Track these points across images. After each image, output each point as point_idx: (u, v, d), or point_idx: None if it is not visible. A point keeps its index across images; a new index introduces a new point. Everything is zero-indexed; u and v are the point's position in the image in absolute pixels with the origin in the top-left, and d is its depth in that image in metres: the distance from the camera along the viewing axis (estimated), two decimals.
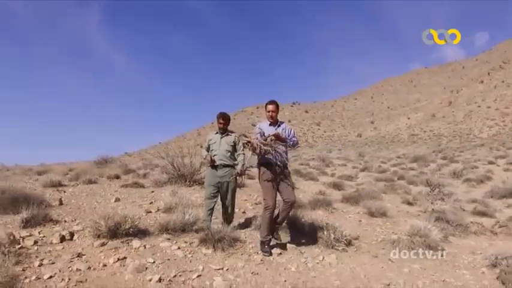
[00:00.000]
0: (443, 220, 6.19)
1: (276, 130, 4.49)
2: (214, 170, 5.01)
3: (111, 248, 3.77)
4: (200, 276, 3.24)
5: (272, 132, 4.37)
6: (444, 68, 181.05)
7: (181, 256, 3.69)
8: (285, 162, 4.51)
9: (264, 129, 4.54)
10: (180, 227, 4.44)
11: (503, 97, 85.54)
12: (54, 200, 6.19)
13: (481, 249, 4.85)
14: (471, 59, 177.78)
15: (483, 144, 42.52)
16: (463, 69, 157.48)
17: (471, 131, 69.49)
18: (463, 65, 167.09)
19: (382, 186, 11.51)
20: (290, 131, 4.66)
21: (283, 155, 4.47)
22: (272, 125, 4.62)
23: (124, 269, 3.27)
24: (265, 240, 4.30)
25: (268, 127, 4.60)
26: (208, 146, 5.20)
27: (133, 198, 6.82)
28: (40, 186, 8.46)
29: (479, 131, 67.53)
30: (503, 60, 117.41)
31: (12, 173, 15.41)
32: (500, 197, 10.94)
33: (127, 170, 12.71)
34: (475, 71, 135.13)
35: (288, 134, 4.59)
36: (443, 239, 5.23)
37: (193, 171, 8.91)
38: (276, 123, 4.64)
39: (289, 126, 4.76)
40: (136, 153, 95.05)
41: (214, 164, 4.98)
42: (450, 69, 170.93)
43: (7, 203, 5.41)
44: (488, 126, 69.47)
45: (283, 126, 4.68)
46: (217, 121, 5.19)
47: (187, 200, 5.91)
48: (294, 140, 4.60)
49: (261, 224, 4.44)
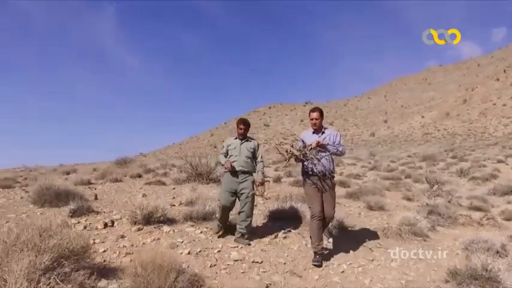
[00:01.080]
0: (435, 213, 6.89)
1: (319, 138, 4.36)
2: (234, 177, 4.87)
3: (147, 232, 4.62)
4: (220, 251, 4.09)
5: (313, 140, 4.32)
6: (459, 65, 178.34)
7: (203, 238, 4.52)
8: (326, 172, 4.34)
9: (306, 138, 4.46)
10: (202, 216, 5.25)
11: None
12: (90, 196, 7.09)
13: (462, 237, 5.55)
14: (487, 56, 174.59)
15: (497, 143, 42.19)
16: (479, 66, 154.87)
17: (486, 129, 68.70)
18: (479, 62, 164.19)
19: (387, 184, 12.17)
20: (335, 138, 4.47)
21: (326, 164, 4.32)
22: (316, 133, 4.50)
23: (160, 246, 4.13)
24: (317, 250, 4.25)
25: (312, 135, 4.51)
26: (227, 152, 5.07)
27: (157, 194, 7.67)
28: (72, 184, 9.41)
29: (494, 129, 66.71)
30: None
31: (38, 173, 16.52)
32: (502, 194, 11.47)
33: (147, 170, 13.67)
34: (490, 68, 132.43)
35: (333, 140, 4.42)
36: (431, 229, 5.95)
37: (209, 171, 9.77)
38: (320, 131, 4.50)
39: (336, 132, 4.58)
40: (151, 154, 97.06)
41: (234, 170, 4.85)
42: (465, 66, 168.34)
43: (52, 197, 6.33)
44: (503, 125, 68.37)
45: (328, 132, 4.51)
46: (237, 127, 5.09)
47: (206, 195, 6.69)
48: (340, 148, 4.41)
49: (310, 234, 4.42)
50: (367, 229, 5.77)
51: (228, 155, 5.01)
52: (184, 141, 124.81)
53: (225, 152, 5.07)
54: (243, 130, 5.02)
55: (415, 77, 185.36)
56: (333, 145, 4.34)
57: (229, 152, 5.01)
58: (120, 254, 3.75)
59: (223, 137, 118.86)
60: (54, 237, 2.85)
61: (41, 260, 2.54)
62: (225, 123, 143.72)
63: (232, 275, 3.52)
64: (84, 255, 3.00)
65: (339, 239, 5.03)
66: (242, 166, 4.85)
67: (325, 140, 4.29)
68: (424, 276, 3.94)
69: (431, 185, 9.24)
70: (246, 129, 5.05)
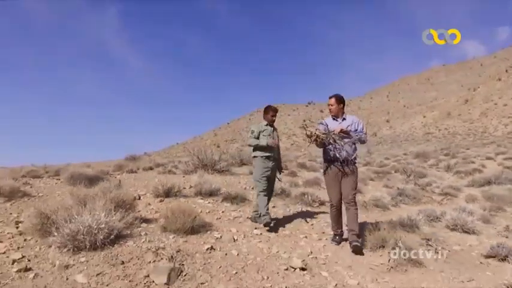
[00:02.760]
0: (403, 195, 8.29)
1: (340, 124, 4.44)
2: (266, 161, 5.07)
3: (167, 202, 6.03)
4: (223, 212, 5.50)
5: (336, 126, 4.39)
6: (462, 65, 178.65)
7: (211, 206, 5.91)
8: (349, 158, 4.40)
9: (329, 123, 4.51)
10: (209, 193, 6.63)
11: None
12: (114, 182, 8.52)
13: (416, 211, 6.92)
14: (489, 56, 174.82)
15: (493, 142, 43.06)
16: (481, 66, 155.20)
17: (486, 128, 69.18)
18: (481, 62, 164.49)
19: (372, 175, 13.54)
20: (358, 125, 4.49)
21: (349, 150, 4.37)
22: (335, 119, 4.56)
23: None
24: (336, 232, 4.60)
25: (332, 121, 4.56)
26: (258, 135, 5.14)
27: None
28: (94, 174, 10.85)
29: (495, 129, 67.06)
30: None
31: (45, 171, 17.91)
32: (479, 186, 12.75)
33: (157, 164, 15.13)
34: (493, 68, 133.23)
35: (356, 128, 4.46)
36: (395, 205, 7.36)
37: (213, 162, 11.19)
38: (340, 117, 4.56)
39: (359, 120, 4.59)
40: (155, 154, 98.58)
41: (273, 146, 5.06)
42: (468, 66, 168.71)
43: (86, 181, 7.78)
44: (504, 124, 68.83)
45: (350, 119, 4.55)
46: (267, 114, 5.21)
47: (211, 180, 8.06)
48: (362, 135, 4.45)
49: (330, 219, 4.68)
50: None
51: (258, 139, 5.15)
52: (188, 141, 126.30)
53: (256, 136, 5.15)
54: (275, 117, 5.24)
55: (418, 77, 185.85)
56: (355, 133, 4.40)
57: (263, 138, 5.11)
58: (151, 213, 5.15)
59: (226, 137, 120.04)
60: (113, 192, 4.29)
61: (107, 204, 3.97)
62: (228, 123, 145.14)
63: (232, 224, 4.92)
64: (131, 206, 4.44)
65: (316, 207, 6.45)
66: (273, 152, 5.13)
67: (348, 127, 4.39)
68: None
69: (407, 174, 10.60)
70: (276, 116, 5.27)
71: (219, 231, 4.39)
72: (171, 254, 3.27)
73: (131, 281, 2.90)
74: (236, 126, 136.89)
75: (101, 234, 3.39)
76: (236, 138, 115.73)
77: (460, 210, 6.30)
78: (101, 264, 3.10)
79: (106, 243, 3.42)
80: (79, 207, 3.90)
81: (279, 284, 3.13)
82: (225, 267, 3.34)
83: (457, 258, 4.18)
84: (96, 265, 3.10)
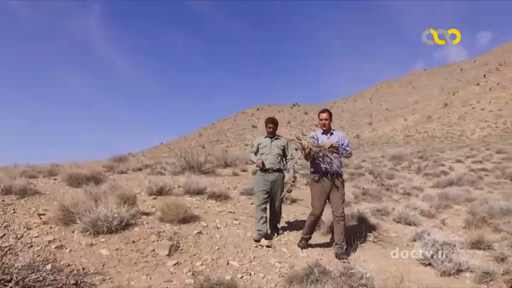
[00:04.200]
0: (367, 194, 9.50)
1: (329, 138, 4.63)
2: (264, 174, 5.12)
3: (160, 199, 7.05)
4: (209, 207, 6.53)
5: (326, 141, 4.56)
6: (443, 69, 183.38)
7: (198, 202, 6.93)
8: (338, 171, 4.59)
9: (319, 137, 4.62)
10: (196, 191, 7.66)
11: (498, 99, 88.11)
12: (110, 181, 9.46)
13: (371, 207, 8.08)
14: (469, 61, 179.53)
15: (468, 145, 44.42)
16: (461, 71, 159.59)
17: (463, 132, 71.64)
18: (461, 67, 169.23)
19: (345, 176, 14.74)
20: (344, 140, 4.69)
21: (337, 163, 4.54)
22: (325, 133, 4.73)
23: None
24: (305, 236, 4.85)
25: (321, 135, 4.69)
26: (257, 150, 5.26)
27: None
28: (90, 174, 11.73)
29: (472, 133, 69.59)
30: (500, 63, 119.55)
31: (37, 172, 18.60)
32: (443, 187, 14.07)
33: (145, 165, 16.03)
34: (472, 73, 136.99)
35: (342, 142, 4.64)
36: (357, 202, 8.54)
37: (200, 164, 12.21)
38: (329, 132, 4.74)
39: (344, 135, 4.84)
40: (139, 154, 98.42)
41: (264, 168, 5.08)
42: (448, 71, 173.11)
43: (83, 180, 8.68)
44: (480, 128, 71.58)
45: (336, 134, 4.75)
46: (266, 126, 5.28)
47: (198, 181, 9.04)
48: (348, 150, 4.66)
49: (306, 224, 4.86)
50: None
51: (259, 153, 5.28)
52: (173, 141, 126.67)
53: (255, 150, 5.30)
54: (272, 129, 5.23)
55: (401, 80, 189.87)
56: (342, 147, 4.60)
57: (260, 150, 5.25)
58: (148, 208, 6.16)
59: (211, 137, 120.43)
60: (118, 190, 5.34)
61: (115, 199, 5.02)
62: (213, 124, 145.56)
63: (216, 216, 5.96)
64: (133, 202, 5.49)
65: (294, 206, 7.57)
66: (273, 164, 5.12)
67: (337, 142, 4.58)
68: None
69: (374, 176, 11.82)
70: (274, 127, 5.25)
71: (205, 221, 5.44)
72: (170, 236, 4.37)
73: (142, 253, 3.97)
74: (221, 127, 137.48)
75: (114, 221, 4.43)
76: (221, 139, 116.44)
77: (407, 206, 7.52)
78: (117, 243, 4.15)
79: (119, 229, 4.47)
80: (92, 201, 4.93)
81: (249, 254, 4.30)
82: (210, 245, 4.45)
83: (391, 241, 5.36)
84: (114, 243, 4.15)
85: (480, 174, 17.76)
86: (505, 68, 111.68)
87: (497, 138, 54.62)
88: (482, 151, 30.69)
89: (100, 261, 3.73)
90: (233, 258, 4.21)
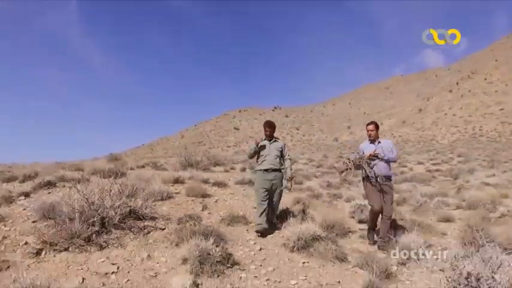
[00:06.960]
0: (331, 186, 12.28)
1: (376, 147, 5.10)
2: (265, 174, 5.41)
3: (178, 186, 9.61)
4: (215, 190, 8.81)
5: (369, 150, 5.09)
6: (419, 75, 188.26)
7: (207, 187, 9.49)
8: (383, 175, 5.00)
9: (365, 148, 5.20)
10: (203, 181, 10.19)
11: (468, 106, 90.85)
12: None
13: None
14: (444, 68, 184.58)
15: (435, 149, 44.85)
16: (436, 77, 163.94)
17: (435, 137, 73.55)
18: (437, 73, 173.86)
19: (318, 173, 17.54)
20: (390, 147, 5.15)
21: (381, 168, 5.02)
22: (372, 143, 5.21)
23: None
24: (371, 229, 5.48)
25: (369, 145, 5.21)
26: (256, 151, 5.64)
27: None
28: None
29: (442, 137, 71.70)
30: (472, 71, 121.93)
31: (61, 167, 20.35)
32: (399, 183, 16.80)
33: (145, 164, 18.36)
34: (446, 79, 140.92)
35: (389, 149, 5.10)
36: (321, 191, 11.31)
37: (198, 162, 14.74)
38: (376, 141, 5.21)
39: (390, 141, 5.37)
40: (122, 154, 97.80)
41: (258, 146, 5.51)
42: (425, 77, 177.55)
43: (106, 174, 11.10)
44: (451, 133, 74.08)
45: (383, 142, 5.22)
46: (263, 129, 5.61)
47: (199, 175, 11.20)
48: (388, 155, 5.05)
49: (369, 219, 5.49)
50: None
51: (257, 153, 5.71)
52: (155, 142, 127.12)
53: (256, 149, 5.65)
54: (269, 132, 5.59)
55: (379, 85, 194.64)
56: (383, 153, 5.03)
57: (261, 151, 5.59)
58: (173, 190, 8.67)
59: (193, 139, 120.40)
60: (157, 177, 7.97)
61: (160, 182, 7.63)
62: (195, 125, 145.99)
63: (222, 195, 8.41)
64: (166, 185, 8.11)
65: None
66: (272, 164, 5.46)
67: (377, 150, 5.07)
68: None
69: (339, 173, 14.52)
70: (271, 131, 5.60)
71: (217, 197, 7.80)
72: (199, 201, 7.01)
73: (186, 209, 6.44)
74: (203, 128, 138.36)
75: (164, 193, 7.01)
76: (203, 141, 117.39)
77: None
78: (169, 205, 6.72)
79: (167, 198, 6.90)
80: (143, 182, 7.51)
81: (250, 210, 6.84)
82: (225, 206, 6.90)
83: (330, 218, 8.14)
84: (169, 205, 6.63)
85: (434, 174, 19.96)
86: (476, 76, 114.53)
87: (464, 143, 56.51)
88: (446, 154, 32.79)
89: (168, 212, 6.17)
90: (240, 210, 6.75)
